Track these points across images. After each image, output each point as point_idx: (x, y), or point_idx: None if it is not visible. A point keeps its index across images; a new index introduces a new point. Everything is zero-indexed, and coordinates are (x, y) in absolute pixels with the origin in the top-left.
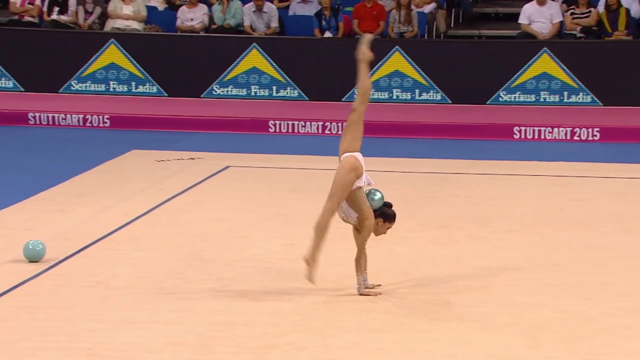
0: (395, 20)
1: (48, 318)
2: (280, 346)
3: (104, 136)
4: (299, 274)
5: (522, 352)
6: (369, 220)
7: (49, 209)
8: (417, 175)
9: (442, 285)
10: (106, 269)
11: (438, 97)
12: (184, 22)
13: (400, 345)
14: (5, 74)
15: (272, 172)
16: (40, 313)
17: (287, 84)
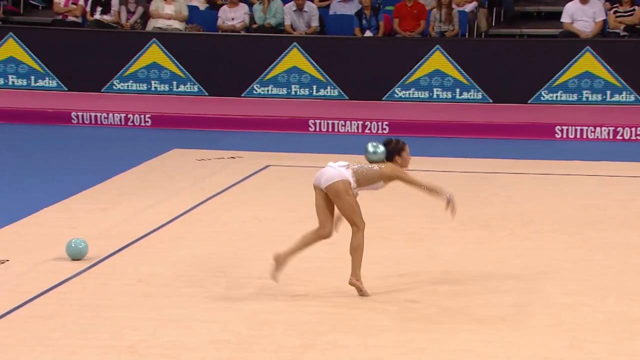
0: (436, 19)
1: (90, 316)
2: (320, 345)
3: (145, 135)
4: (339, 273)
5: (563, 353)
6: (393, 170)
7: (91, 208)
8: (458, 175)
9: (483, 285)
10: (147, 268)
11: (479, 97)
12: (225, 21)
13: (439, 345)
14: (49, 74)
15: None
16: (83, 311)
17: (327, 83)
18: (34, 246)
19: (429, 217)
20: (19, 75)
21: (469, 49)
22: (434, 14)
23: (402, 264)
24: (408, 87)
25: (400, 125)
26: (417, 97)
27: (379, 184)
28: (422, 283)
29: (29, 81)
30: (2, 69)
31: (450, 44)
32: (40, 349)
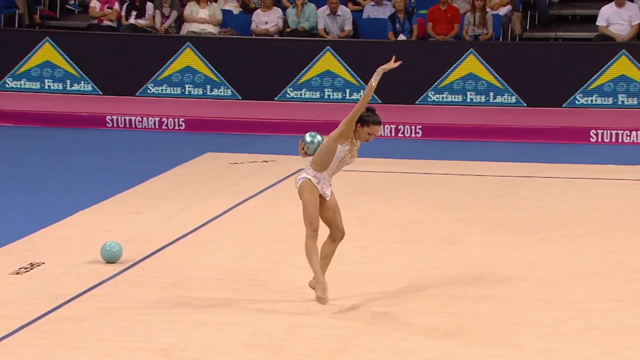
0: (470, 22)
1: (125, 318)
2: (352, 349)
3: (179, 139)
4: (371, 277)
5: (596, 358)
6: (336, 130)
7: (125, 211)
8: (491, 179)
9: (515, 290)
10: (181, 271)
11: (513, 100)
12: (259, 25)
13: (471, 350)
14: (85, 78)
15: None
16: (117, 314)
17: (361, 87)
18: (69, 249)
19: (461, 221)
20: (54, 79)
21: (503, 52)
22: (468, 18)
23: (433, 268)
24: (441, 90)
25: (433, 129)
26: (450, 100)
27: (337, 154)
28: (454, 287)
29: (64, 85)
30: (39, 73)
31: (484, 48)
32: (74, 352)
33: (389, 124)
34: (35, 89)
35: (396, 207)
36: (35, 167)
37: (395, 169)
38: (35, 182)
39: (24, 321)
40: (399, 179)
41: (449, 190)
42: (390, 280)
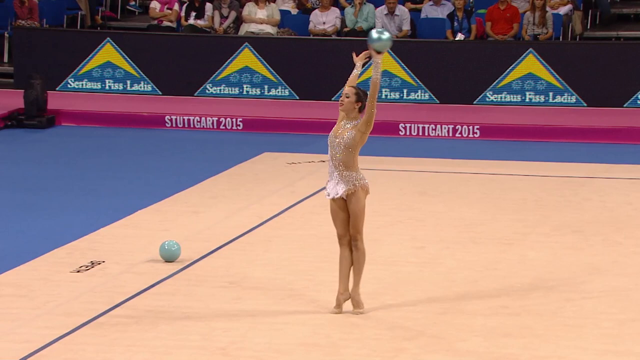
0: (530, 22)
1: (183, 317)
2: (410, 349)
3: (236, 139)
4: (428, 277)
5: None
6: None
7: (184, 210)
8: (551, 180)
9: (576, 291)
10: (239, 270)
11: (572, 100)
12: (317, 25)
13: (531, 351)
14: (144, 78)
15: (403, 175)
16: (176, 312)
17: (418, 87)
18: (129, 248)
19: (521, 222)
20: (115, 79)
21: (563, 52)
22: (527, 17)
23: (492, 269)
24: (500, 90)
25: (491, 129)
26: (509, 100)
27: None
28: (513, 288)
29: (125, 85)
30: (100, 74)
31: (544, 47)
32: (134, 349)
33: (446, 124)
34: (97, 89)
35: (455, 208)
36: (96, 167)
37: (453, 170)
38: (95, 182)
39: (85, 319)
40: (458, 179)
41: (509, 191)
42: (448, 280)
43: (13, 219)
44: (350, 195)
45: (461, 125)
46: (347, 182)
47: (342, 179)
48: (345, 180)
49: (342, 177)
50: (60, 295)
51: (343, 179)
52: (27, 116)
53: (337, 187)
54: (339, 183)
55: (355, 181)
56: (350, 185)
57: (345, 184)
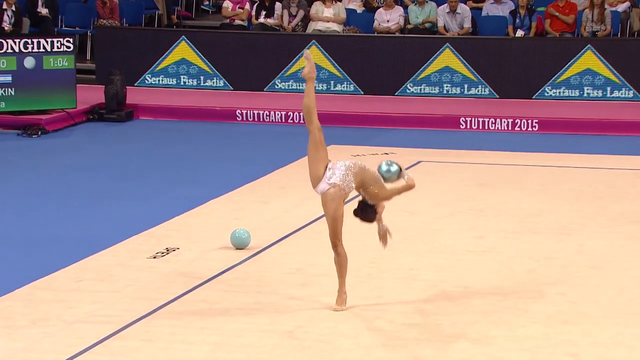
0: (588, 19)
1: (253, 302)
2: (470, 335)
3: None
4: (489, 267)
5: None
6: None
7: (254, 200)
8: (609, 172)
9: (633, 280)
10: (305, 257)
11: (630, 95)
12: (381, 23)
13: (590, 338)
14: (217, 74)
15: (463, 167)
16: (246, 297)
17: (479, 82)
18: (202, 235)
19: (579, 212)
20: (190, 75)
21: (621, 48)
22: (586, 14)
23: (550, 258)
24: (559, 85)
25: (549, 123)
26: (567, 95)
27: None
28: (571, 277)
29: (198, 81)
30: (175, 70)
31: (602, 44)
32: (206, 332)
33: (506, 118)
34: (172, 85)
35: (514, 199)
36: (171, 158)
37: (512, 162)
38: (170, 172)
39: (160, 302)
40: (517, 171)
41: (567, 183)
42: (507, 269)
43: (94, 207)
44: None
45: (520, 119)
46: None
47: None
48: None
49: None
50: (138, 279)
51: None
52: (107, 110)
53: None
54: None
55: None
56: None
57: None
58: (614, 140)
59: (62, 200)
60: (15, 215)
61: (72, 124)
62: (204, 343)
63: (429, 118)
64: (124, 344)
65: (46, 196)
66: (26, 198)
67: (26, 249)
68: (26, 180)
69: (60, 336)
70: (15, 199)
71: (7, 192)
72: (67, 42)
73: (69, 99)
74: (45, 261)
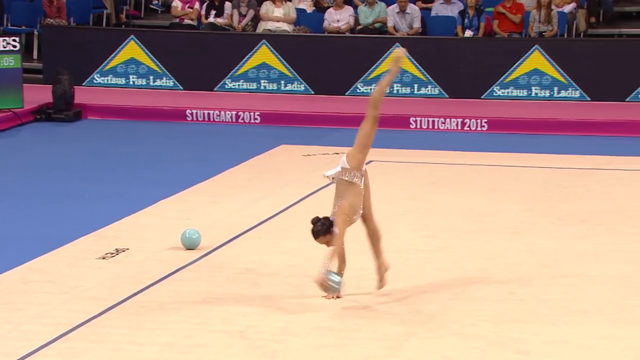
0: (536, 19)
1: (204, 302)
2: (421, 334)
3: (254, 132)
4: (440, 265)
5: None
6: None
7: (204, 200)
8: (557, 171)
9: (582, 278)
10: (256, 257)
11: (577, 95)
12: (331, 23)
13: (538, 336)
14: (166, 74)
15: (414, 167)
16: (197, 297)
17: (428, 82)
18: (152, 236)
19: (528, 211)
20: (139, 75)
21: (567, 48)
22: (533, 15)
23: (501, 257)
24: (507, 85)
25: (498, 123)
26: (515, 95)
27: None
28: (521, 275)
29: (148, 81)
30: (124, 70)
31: (549, 44)
32: (157, 332)
33: (456, 118)
34: (121, 85)
35: (464, 198)
36: (120, 159)
37: (462, 161)
38: (120, 173)
39: (110, 303)
40: (467, 170)
41: (516, 182)
42: (458, 268)
43: (42, 208)
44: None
45: (469, 119)
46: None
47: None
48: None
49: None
50: (87, 280)
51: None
52: (55, 110)
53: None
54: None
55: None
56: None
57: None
58: (562, 139)
59: (9, 201)
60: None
61: (19, 124)
62: (154, 344)
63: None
64: (72, 346)
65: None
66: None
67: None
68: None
69: (7, 338)
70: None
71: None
72: (13, 41)
73: (15, 99)
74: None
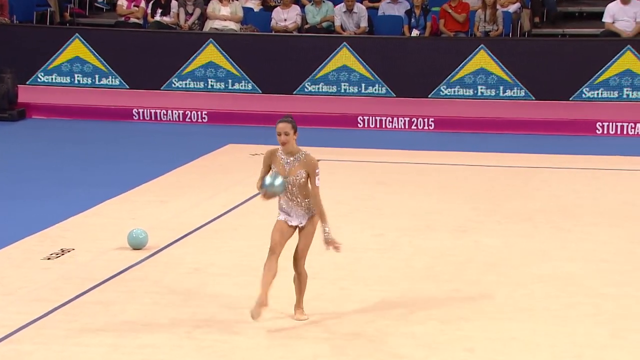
0: (481, 19)
1: (151, 302)
2: (369, 332)
3: (202, 131)
4: (388, 264)
5: (605, 342)
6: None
7: (151, 200)
8: (502, 170)
9: (526, 276)
10: (205, 257)
11: (522, 94)
12: (278, 22)
13: (485, 333)
14: (112, 72)
15: (361, 166)
16: (144, 297)
17: (376, 81)
18: (99, 236)
19: (474, 210)
20: (84, 74)
21: (512, 48)
22: (478, 15)
23: (448, 255)
24: (453, 84)
25: (445, 122)
26: (462, 94)
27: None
28: (468, 273)
29: (93, 80)
30: (69, 68)
31: (495, 44)
32: (103, 334)
33: (403, 117)
34: (66, 83)
35: (412, 197)
36: (66, 158)
37: (410, 160)
38: (66, 172)
39: (56, 304)
40: (414, 169)
41: (463, 181)
42: (406, 266)
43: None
44: (309, 219)
45: (417, 118)
46: (308, 211)
47: (305, 210)
48: (307, 209)
49: (305, 207)
50: (32, 281)
51: (305, 210)
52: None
53: (303, 218)
54: (303, 215)
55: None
56: (312, 212)
57: (308, 212)
58: (508, 138)
59: None
60: None
61: None
62: (101, 345)
63: (326, 117)
64: (17, 348)
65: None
66: None
67: None
68: None
69: None
70: None
71: None
72: None
73: None
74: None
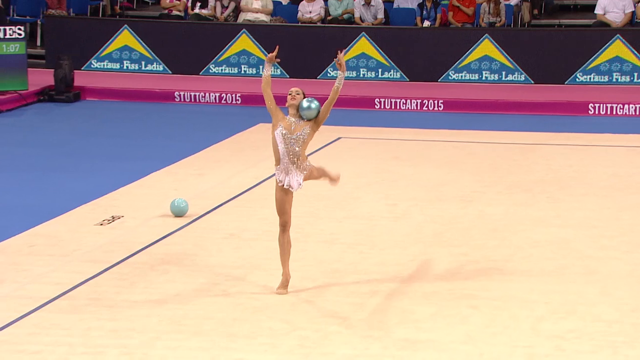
0: (486, 12)
1: (192, 264)
2: (384, 291)
3: (235, 112)
4: (401, 230)
5: (594, 299)
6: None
7: (191, 173)
8: (504, 146)
9: (525, 241)
10: (238, 224)
11: (522, 78)
12: (304, 14)
13: (487, 292)
14: (157, 59)
15: (378, 143)
16: (186, 259)
17: (391, 67)
18: (144, 205)
19: (479, 182)
20: (132, 60)
21: (514, 37)
22: (483, 8)
23: (455, 223)
24: (461, 70)
25: (453, 104)
26: (468, 79)
27: (277, 141)
28: (473, 238)
29: (140, 66)
30: (119, 56)
31: (498, 33)
32: (149, 290)
33: (415, 99)
34: (116, 69)
35: (423, 170)
36: (116, 135)
37: (421, 138)
38: (115, 148)
39: (107, 265)
40: (425, 146)
41: (468, 156)
42: (417, 232)
43: (45, 180)
44: (306, 178)
45: (427, 100)
46: (303, 170)
47: (300, 170)
48: (302, 169)
49: (299, 168)
50: (86, 244)
51: (300, 170)
52: (56, 92)
53: (298, 178)
54: (297, 174)
55: (308, 166)
56: (306, 171)
57: (302, 172)
58: (509, 118)
59: (15, 173)
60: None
61: (24, 104)
62: (146, 301)
63: (347, 99)
64: (73, 303)
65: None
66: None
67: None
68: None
69: (14, 297)
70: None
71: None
72: (18, 29)
73: (20, 82)
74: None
